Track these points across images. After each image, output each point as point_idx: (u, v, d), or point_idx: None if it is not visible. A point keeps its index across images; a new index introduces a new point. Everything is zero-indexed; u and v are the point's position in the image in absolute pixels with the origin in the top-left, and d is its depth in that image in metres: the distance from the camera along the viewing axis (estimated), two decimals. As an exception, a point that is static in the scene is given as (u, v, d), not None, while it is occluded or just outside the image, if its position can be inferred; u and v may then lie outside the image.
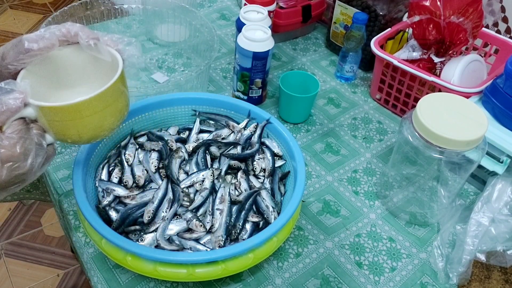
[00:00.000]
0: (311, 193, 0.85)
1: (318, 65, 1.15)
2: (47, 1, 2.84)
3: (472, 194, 0.87)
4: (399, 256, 0.76)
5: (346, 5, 1.08)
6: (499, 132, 0.81)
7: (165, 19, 1.09)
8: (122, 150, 0.76)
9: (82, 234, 0.74)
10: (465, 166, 0.71)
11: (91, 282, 0.70)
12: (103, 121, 0.53)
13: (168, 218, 0.68)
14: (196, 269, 0.62)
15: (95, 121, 0.52)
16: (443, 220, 0.80)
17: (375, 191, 0.86)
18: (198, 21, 1.02)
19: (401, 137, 0.73)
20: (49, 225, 1.72)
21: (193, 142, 0.80)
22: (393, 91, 1.00)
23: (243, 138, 0.81)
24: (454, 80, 0.90)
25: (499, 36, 0.99)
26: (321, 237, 0.77)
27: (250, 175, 0.77)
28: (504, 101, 0.81)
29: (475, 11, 0.91)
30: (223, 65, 1.12)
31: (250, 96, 0.98)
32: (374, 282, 0.72)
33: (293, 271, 0.73)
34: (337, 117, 1.01)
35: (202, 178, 0.73)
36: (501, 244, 0.72)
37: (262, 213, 0.71)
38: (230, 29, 1.24)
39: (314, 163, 0.90)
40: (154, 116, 0.82)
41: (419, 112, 0.69)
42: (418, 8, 0.94)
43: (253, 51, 0.89)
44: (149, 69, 1.08)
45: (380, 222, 0.81)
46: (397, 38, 1.03)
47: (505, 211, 0.75)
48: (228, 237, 0.68)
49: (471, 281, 0.71)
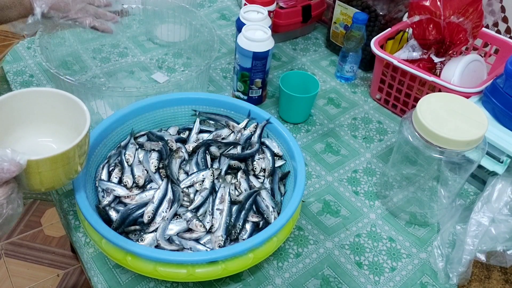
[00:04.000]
0: (311, 193, 0.85)
1: (318, 65, 1.15)
2: (47, 1, 2.83)
3: (472, 194, 0.87)
4: (399, 256, 0.76)
5: (346, 5, 1.08)
6: (499, 132, 0.81)
7: (165, 19, 1.09)
8: (122, 150, 0.76)
9: (82, 234, 0.74)
10: (465, 166, 0.71)
11: (91, 282, 0.70)
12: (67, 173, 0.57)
13: (168, 218, 0.68)
14: (196, 269, 0.62)
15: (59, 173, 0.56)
16: (443, 220, 0.80)
17: (375, 191, 0.86)
18: (198, 21, 1.02)
19: (401, 137, 0.73)
20: (49, 225, 1.72)
21: (193, 142, 0.80)
22: (393, 91, 1.00)
23: (243, 138, 0.81)
24: (454, 80, 0.90)
25: (499, 36, 0.99)
26: (321, 237, 0.77)
27: (250, 175, 0.77)
28: (504, 101, 0.81)
29: (475, 11, 0.91)
30: (223, 65, 1.12)
31: (250, 96, 0.98)
32: (374, 282, 0.72)
33: (293, 271, 0.73)
34: (337, 117, 1.01)
35: (202, 178, 0.73)
36: (501, 244, 0.72)
37: (262, 213, 0.71)
38: (230, 29, 1.24)
39: (314, 163, 0.90)
40: (154, 116, 0.82)
41: (419, 112, 0.69)
42: (418, 8, 0.94)
43: (253, 51, 0.89)
44: (149, 69, 1.08)
45: (380, 222, 0.81)
46: (397, 38, 1.03)
47: (505, 211, 0.75)
48: (228, 237, 0.68)
49: (471, 281, 0.71)
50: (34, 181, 0.54)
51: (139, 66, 1.08)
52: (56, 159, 0.53)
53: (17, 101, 0.60)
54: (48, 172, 0.54)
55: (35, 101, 0.62)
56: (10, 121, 0.61)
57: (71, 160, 0.56)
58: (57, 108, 0.63)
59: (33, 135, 0.64)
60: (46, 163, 0.53)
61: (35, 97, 0.62)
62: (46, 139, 0.64)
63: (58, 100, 0.62)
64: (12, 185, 0.49)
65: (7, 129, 0.61)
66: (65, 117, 0.63)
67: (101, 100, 0.87)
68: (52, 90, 0.63)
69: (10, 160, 0.48)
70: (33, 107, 0.62)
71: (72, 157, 0.56)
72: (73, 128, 0.61)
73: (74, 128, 0.61)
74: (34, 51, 1.09)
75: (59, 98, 0.62)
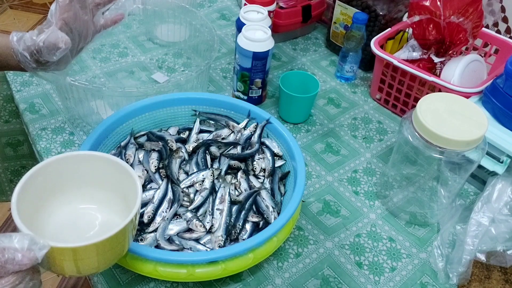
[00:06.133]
0: (311, 193, 0.85)
1: (318, 65, 1.15)
2: (47, 1, 2.84)
3: (472, 194, 0.87)
4: (399, 256, 0.76)
5: (346, 5, 1.08)
6: (499, 132, 0.81)
7: (165, 19, 1.09)
8: (122, 150, 0.76)
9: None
10: (465, 166, 0.71)
11: (91, 282, 0.70)
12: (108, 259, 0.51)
13: (168, 218, 0.68)
14: (196, 269, 0.62)
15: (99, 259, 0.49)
16: (443, 220, 0.80)
17: (375, 191, 0.86)
18: (198, 21, 1.02)
19: (401, 137, 0.73)
20: (49, 225, 1.72)
21: (193, 142, 0.80)
22: (393, 91, 1.00)
23: (243, 138, 0.81)
24: (454, 80, 0.90)
25: (499, 36, 0.99)
26: (321, 237, 0.77)
27: (250, 175, 0.77)
28: (504, 101, 0.81)
29: (475, 11, 0.91)
30: (223, 65, 1.12)
31: (250, 96, 0.98)
32: (374, 282, 0.72)
33: (293, 271, 0.72)
34: (337, 117, 1.01)
35: (202, 178, 0.73)
36: (501, 244, 0.72)
37: (262, 213, 0.71)
38: (230, 29, 1.24)
39: (314, 163, 0.90)
40: (154, 116, 0.82)
41: (419, 112, 0.69)
42: (418, 8, 0.94)
43: (253, 51, 0.89)
44: (149, 69, 1.08)
45: (380, 222, 0.81)
46: (397, 38, 1.03)
47: (505, 211, 0.75)
48: (228, 237, 0.68)
49: (471, 281, 0.71)
50: (58, 269, 0.48)
51: (139, 66, 1.08)
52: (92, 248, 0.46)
53: (61, 164, 0.55)
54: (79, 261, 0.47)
55: (80, 165, 0.57)
56: (51, 185, 0.55)
57: (113, 246, 0.49)
58: (104, 173, 0.57)
59: (75, 200, 0.58)
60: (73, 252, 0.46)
61: (80, 161, 0.57)
62: (90, 206, 0.59)
63: (105, 164, 0.57)
64: (22, 274, 0.43)
65: (47, 193, 0.56)
66: (112, 183, 0.57)
67: (101, 100, 0.87)
68: (96, 154, 0.57)
69: (25, 251, 0.42)
70: (78, 171, 0.57)
71: (115, 242, 0.49)
72: (121, 196, 0.56)
73: (122, 196, 0.56)
74: (34, 51, 1.08)
75: (107, 163, 0.57)
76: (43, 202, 0.55)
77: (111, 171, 0.57)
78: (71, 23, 0.64)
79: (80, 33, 0.67)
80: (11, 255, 0.42)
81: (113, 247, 0.49)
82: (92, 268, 0.49)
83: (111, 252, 0.50)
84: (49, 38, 0.62)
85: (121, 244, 0.51)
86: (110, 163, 0.56)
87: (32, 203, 0.52)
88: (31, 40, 0.63)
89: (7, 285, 0.42)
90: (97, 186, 0.59)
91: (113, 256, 0.51)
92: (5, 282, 0.42)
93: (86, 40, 0.70)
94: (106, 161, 0.57)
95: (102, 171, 0.57)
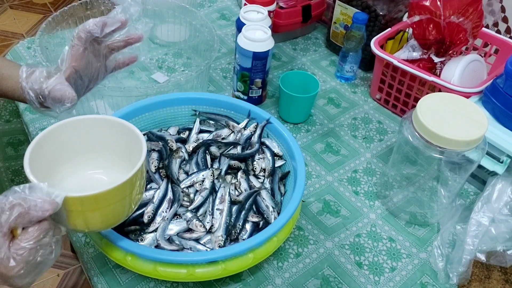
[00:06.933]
0: (311, 193, 0.85)
1: (318, 65, 1.15)
2: (47, 1, 2.84)
3: (472, 194, 0.87)
4: (399, 256, 0.76)
5: (346, 5, 1.08)
6: (499, 132, 0.81)
7: (165, 19, 1.09)
8: (122, 150, 0.76)
9: (82, 234, 0.74)
10: (465, 166, 0.71)
11: (91, 282, 0.70)
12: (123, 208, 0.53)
13: (168, 218, 0.68)
14: (196, 269, 0.62)
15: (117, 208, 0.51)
16: (443, 220, 0.80)
17: (375, 191, 0.86)
18: (198, 21, 1.02)
19: (401, 137, 0.73)
20: (49, 225, 1.72)
21: (193, 142, 0.80)
22: (393, 91, 1.00)
23: (243, 138, 0.81)
24: (454, 80, 0.90)
25: (499, 36, 0.99)
26: (321, 237, 0.77)
27: (250, 175, 0.77)
28: (504, 101, 0.81)
29: (475, 11, 0.91)
30: (223, 65, 1.12)
31: (250, 96, 0.98)
32: (374, 282, 0.72)
33: (293, 271, 0.73)
34: (337, 117, 1.01)
35: (202, 178, 0.73)
36: (501, 244, 0.72)
37: (262, 213, 0.71)
38: (230, 29, 1.24)
39: (314, 163, 0.90)
40: (154, 116, 0.82)
41: (419, 112, 0.69)
42: (418, 8, 0.94)
43: (253, 51, 0.89)
44: (149, 69, 1.08)
45: (380, 222, 0.81)
46: (397, 38, 1.03)
47: (505, 211, 0.75)
48: (228, 237, 0.68)
49: (471, 281, 0.71)
50: (77, 221, 0.49)
51: (139, 66, 1.08)
52: (102, 196, 0.48)
53: (65, 130, 0.56)
54: (92, 212, 0.48)
55: (84, 130, 0.57)
56: (57, 153, 0.56)
57: (120, 198, 0.50)
58: (108, 137, 0.58)
59: (82, 168, 0.59)
60: (90, 201, 0.47)
61: (84, 126, 0.57)
62: (96, 171, 0.60)
63: (109, 127, 0.57)
64: (46, 227, 0.45)
65: (54, 161, 0.56)
66: (117, 146, 0.58)
67: (101, 100, 0.87)
68: (103, 117, 0.57)
69: (45, 197, 0.44)
70: (82, 136, 0.57)
71: (122, 195, 0.50)
72: (127, 158, 0.56)
73: (127, 158, 0.56)
74: (34, 51, 1.09)
75: (110, 125, 0.57)
76: (50, 173, 0.56)
77: (113, 134, 0.58)
78: (81, 71, 0.63)
79: (90, 78, 0.66)
80: (33, 202, 0.43)
81: (122, 198, 0.50)
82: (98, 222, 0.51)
83: (120, 204, 0.51)
84: (55, 91, 0.60)
85: (129, 197, 0.52)
86: (112, 125, 0.57)
87: (41, 171, 0.52)
88: (38, 83, 0.61)
89: (31, 239, 0.44)
90: (101, 151, 0.59)
91: (121, 209, 0.53)
92: (30, 236, 0.44)
93: (96, 82, 0.69)
94: (108, 124, 0.57)
95: (103, 134, 0.58)
